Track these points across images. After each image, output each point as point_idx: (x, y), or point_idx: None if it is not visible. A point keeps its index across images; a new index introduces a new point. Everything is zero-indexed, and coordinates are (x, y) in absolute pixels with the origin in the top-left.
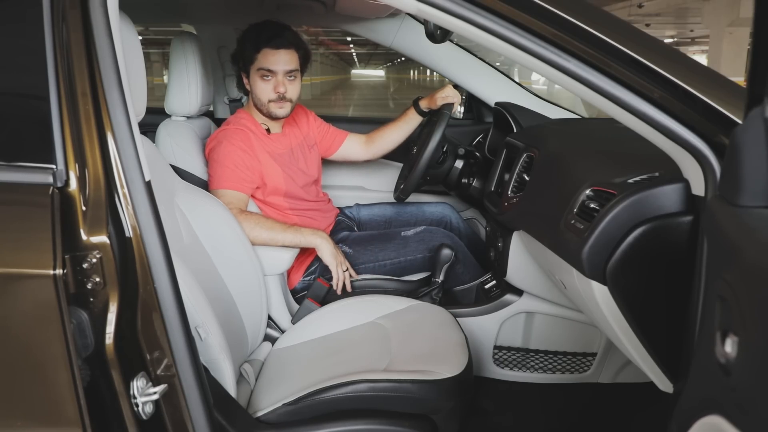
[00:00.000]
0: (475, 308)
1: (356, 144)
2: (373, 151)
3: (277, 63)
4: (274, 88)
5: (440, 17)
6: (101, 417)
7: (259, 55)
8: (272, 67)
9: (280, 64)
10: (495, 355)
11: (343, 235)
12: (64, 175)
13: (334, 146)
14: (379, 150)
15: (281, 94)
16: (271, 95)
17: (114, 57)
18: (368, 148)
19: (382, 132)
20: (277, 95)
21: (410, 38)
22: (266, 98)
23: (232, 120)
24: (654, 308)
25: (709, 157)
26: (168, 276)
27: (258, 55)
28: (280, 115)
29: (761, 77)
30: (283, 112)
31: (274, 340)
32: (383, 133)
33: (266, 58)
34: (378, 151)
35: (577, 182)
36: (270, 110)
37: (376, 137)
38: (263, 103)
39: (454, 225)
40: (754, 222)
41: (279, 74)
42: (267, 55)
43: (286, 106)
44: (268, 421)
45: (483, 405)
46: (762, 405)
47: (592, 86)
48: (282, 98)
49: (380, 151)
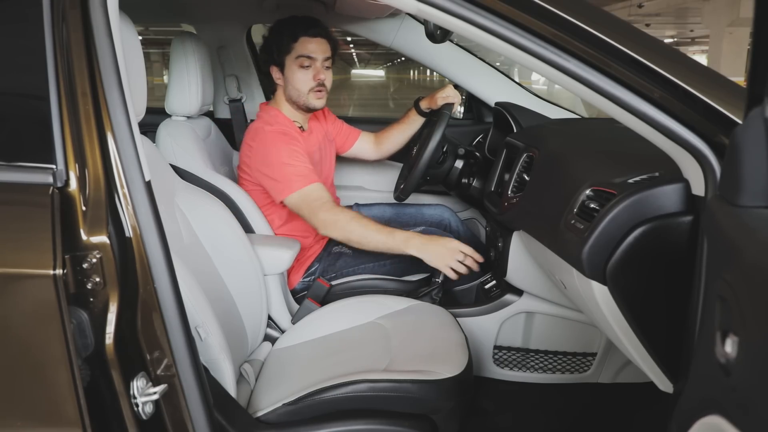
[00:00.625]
0: (475, 308)
1: (367, 143)
2: (382, 151)
3: (317, 50)
4: (314, 76)
5: (440, 17)
6: (101, 417)
7: (296, 44)
8: (312, 53)
9: (319, 51)
10: (495, 355)
11: None
12: (64, 175)
13: (348, 143)
14: (386, 151)
15: (321, 80)
16: (311, 83)
17: (114, 57)
18: (377, 148)
19: (387, 133)
20: (316, 83)
21: (410, 38)
22: (306, 87)
23: (269, 119)
24: (654, 308)
25: (709, 157)
26: (168, 276)
27: (296, 44)
28: (318, 105)
29: (761, 77)
30: (321, 103)
31: (274, 340)
32: (388, 134)
33: (305, 45)
34: (385, 151)
35: (577, 182)
36: (308, 101)
37: (382, 138)
38: (302, 93)
39: (453, 228)
40: (754, 222)
41: (318, 61)
42: (305, 42)
43: (323, 97)
44: (268, 421)
45: (483, 405)
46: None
47: (592, 86)
48: (321, 86)
49: (387, 152)
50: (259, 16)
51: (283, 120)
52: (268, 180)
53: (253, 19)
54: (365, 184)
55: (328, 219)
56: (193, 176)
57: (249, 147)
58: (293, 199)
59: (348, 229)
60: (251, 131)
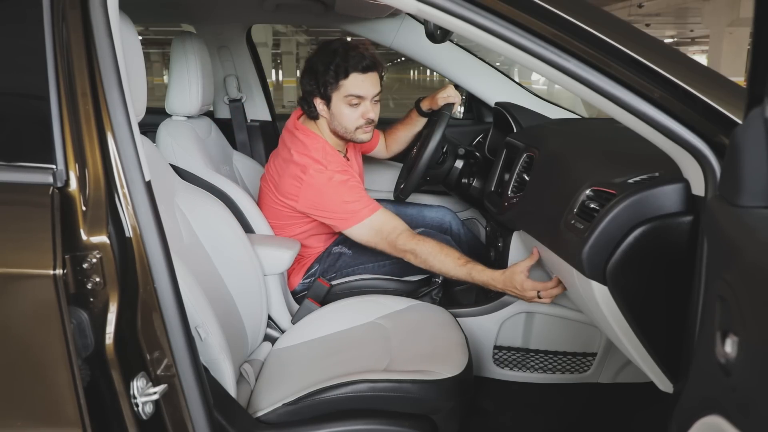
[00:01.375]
0: (475, 308)
1: (382, 143)
2: (390, 151)
3: (368, 87)
4: (363, 115)
5: (440, 17)
6: (101, 417)
7: (346, 81)
8: (363, 93)
9: (370, 88)
10: (495, 355)
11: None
12: (64, 175)
13: (372, 145)
14: (394, 151)
15: (371, 119)
16: (359, 122)
17: (114, 57)
18: (387, 148)
19: (393, 133)
20: (365, 121)
21: (410, 38)
22: (354, 125)
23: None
24: (654, 308)
25: (709, 157)
26: (168, 276)
27: (345, 81)
28: (365, 140)
29: (761, 77)
30: (368, 137)
31: (274, 340)
32: (394, 134)
33: (356, 84)
34: (393, 152)
35: (577, 182)
36: (355, 136)
37: (389, 139)
38: (349, 130)
39: (454, 230)
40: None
41: (368, 99)
42: (356, 80)
43: (371, 131)
44: (268, 421)
45: (483, 405)
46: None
47: (592, 86)
48: (370, 123)
49: (394, 152)
50: (259, 16)
51: (333, 156)
52: (325, 216)
53: (253, 19)
54: (365, 183)
55: (408, 251)
56: (193, 176)
57: (298, 179)
58: (359, 230)
59: (429, 262)
60: (300, 164)
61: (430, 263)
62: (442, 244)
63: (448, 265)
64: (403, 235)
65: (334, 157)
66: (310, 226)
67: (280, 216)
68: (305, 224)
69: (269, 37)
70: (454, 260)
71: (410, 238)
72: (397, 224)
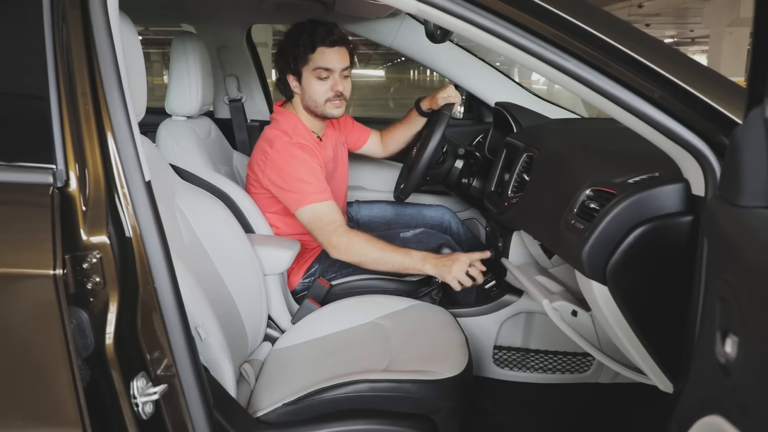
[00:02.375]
0: (475, 308)
1: (376, 143)
2: (387, 151)
3: (335, 61)
4: (332, 87)
5: (440, 17)
6: (101, 417)
7: (314, 54)
8: (330, 65)
9: (337, 61)
10: (495, 355)
11: None
12: (64, 175)
13: (360, 142)
14: (391, 151)
15: (339, 92)
16: (329, 94)
17: (114, 57)
18: (384, 148)
19: (391, 133)
20: (334, 94)
21: (410, 38)
22: (323, 98)
23: (288, 129)
24: (654, 308)
25: (709, 157)
26: (168, 276)
27: (313, 55)
28: (336, 114)
29: (761, 77)
30: (339, 112)
31: (274, 340)
32: (392, 134)
33: (323, 56)
34: (390, 151)
35: (577, 182)
36: (326, 110)
37: (387, 138)
38: (319, 104)
39: (454, 229)
40: (754, 222)
41: (336, 72)
42: (324, 53)
43: (342, 105)
44: (268, 421)
45: (483, 405)
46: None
47: (592, 86)
48: (339, 97)
49: (391, 151)
50: (259, 16)
51: (303, 131)
52: (281, 191)
53: (253, 19)
54: (365, 183)
55: (342, 244)
56: (193, 176)
57: (264, 153)
58: (305, 213)
59: (363, 253)
60: (268, 137)
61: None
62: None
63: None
64: (339, 229)
65: (303, 132)
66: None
67: (260, 200)
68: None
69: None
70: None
71: (345, 232)
72: (338, 218)
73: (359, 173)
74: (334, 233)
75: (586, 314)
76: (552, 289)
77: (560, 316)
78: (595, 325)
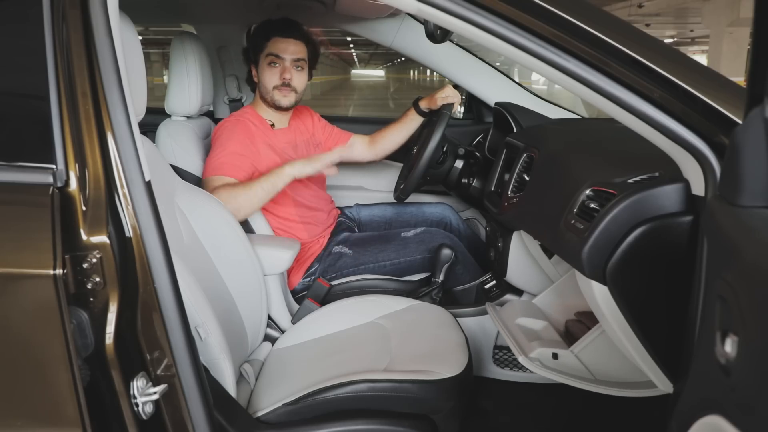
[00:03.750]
0: (475, 308)
1: (360, 145)
2: (376, 152)
3: (285, 50)
4: (280, 75)
5: (440, 17)
6: (101, 417)
7: (268, 42)
8: (280, 53)
9: (288, 51)
10: (495, 355)
11: (343, 236)
12: (64, 175)
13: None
14: (382, 151)
15: (286, 80)
16: (276, 81)
17: (114, 57)
18: (371, 149)
19: (384, 133)
20: (282, 81)
21: (410, 38)
22: (271, 84)
23: (235, 113)
24: (654, 308)
25: (709, 157)
26: (168, 276)
27: (267, 43)
28: (284, 104)
29: (761, 77)
30: (287, 102)
31: (274, 340)
32: (385, 134)
33: (275, 45)
34: (381, 152)
35: (577, 182)
36: (274, 98)
37: (378, 138)
38: (268, 90)
39: (454, 226)
40: (754, 222)
41: (286, 61)
42: (276, 42)
43: (290, 95)
44: (268, 421)
45: (483, 405)
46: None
47: (592, 86)
48: (287, 85)
49: (383, 152)
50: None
51: (250, 115)
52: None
53: (253, 19)
54: (365, 184)
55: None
56: (193, 176)
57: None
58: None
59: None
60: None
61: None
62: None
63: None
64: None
65: (249, 116)
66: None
67: None
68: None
69: None
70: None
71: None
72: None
73: (359, 174)
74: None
75: (567, 352)
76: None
77: (541, 365)
78: (580, 359)
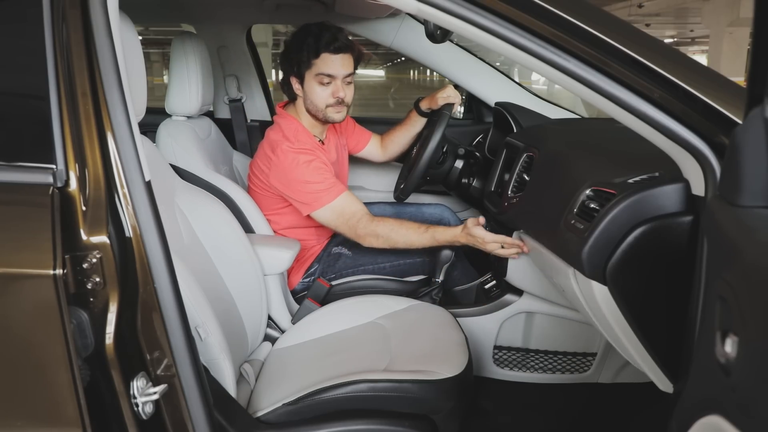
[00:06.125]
0: (475, 308)
1: (376, 146)
2: (387, 154)
3: (338, 67)
4: (333, 93)
5: (440, 17)
6: (101, 417)
7: (317, 60)
8: (332, 72)
9: (340, 68)
10: (495, 355)
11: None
12: (64, 175)
13: (360, 145)
14: (391, 153)
15: (341, 99)
16: (330, 100)
17: (114, 57)
18: (384, 151)
19: (391, 137)
20: (335, 100)
21: (410, 38)
22: (324, 103)
23: (289, 134)
24: (654, 308)
25: (709, 157)
26: (168, 276)
27: (317, 60)
28: (337, 119)
29: (761, 77)
30: (340, 117)
31: (274, 340)
32: (392, 136)
33: (326, 63)
34: (390, 154)
35: (577, 182)
36: (327, 115)
37: (387, 141)
38: (320, 109)
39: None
40: (754, 222)
41: (338, 79)
42: (327, 60)
43: (343, 111)
44: (268, 421)
45: (483, 405)
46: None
47: (592, 86)
48: (340, 103)
49: (392, 154)
50: (259, 16)
51: (304, 136)
52: (290, 198)
53: (253, 19)
54: (365, 184)
55: (369, 234)
56: (193, 176)
57: (267, 158)
58: (322, 214)
59: (392, 239)
60: (271, 141)
61: (393, 240)
62: (400, 220)
63: (410, 236)
64: (363, 219)
65: (304, 137)
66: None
67: (261, 198)
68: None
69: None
70: (415, 230)
71: (370, 221)
72: (358, 209)
73: (359, 174)
74: (358, 225)
75: None
76: None
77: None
78: None
